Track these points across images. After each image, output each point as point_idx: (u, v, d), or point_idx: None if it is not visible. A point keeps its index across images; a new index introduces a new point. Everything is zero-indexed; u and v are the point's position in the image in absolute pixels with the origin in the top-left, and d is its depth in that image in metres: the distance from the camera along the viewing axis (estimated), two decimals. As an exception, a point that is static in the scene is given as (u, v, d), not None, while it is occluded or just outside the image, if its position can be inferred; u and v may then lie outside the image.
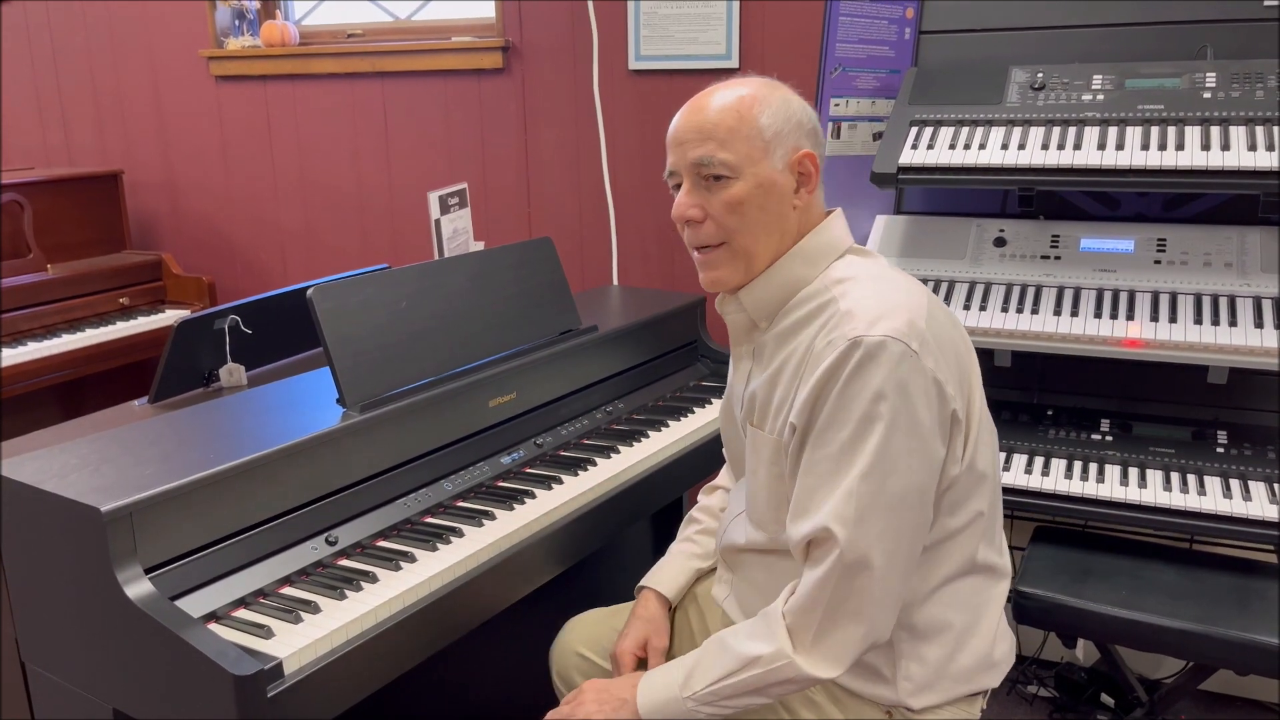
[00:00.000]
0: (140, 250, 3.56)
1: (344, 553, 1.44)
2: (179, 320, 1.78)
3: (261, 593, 1.33)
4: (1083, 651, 2.32)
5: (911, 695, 1.28)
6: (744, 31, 2.73)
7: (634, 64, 2.85)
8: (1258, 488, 1.84)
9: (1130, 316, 1.94)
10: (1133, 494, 1.86)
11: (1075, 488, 1.90)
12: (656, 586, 1.55)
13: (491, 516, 1.56)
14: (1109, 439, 2.02)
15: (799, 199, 1.30)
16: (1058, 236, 2.12)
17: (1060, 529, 2.09)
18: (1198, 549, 2.07)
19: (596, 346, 1.98)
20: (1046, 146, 1.98)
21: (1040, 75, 2.12)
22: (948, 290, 2.11)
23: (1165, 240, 2.05)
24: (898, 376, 1.15)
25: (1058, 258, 2.10)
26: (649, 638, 1.48)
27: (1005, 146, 2.00)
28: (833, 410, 1.18)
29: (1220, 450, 1.94)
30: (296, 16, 3.55)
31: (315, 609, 1.29)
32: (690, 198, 1.29)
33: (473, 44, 3.07)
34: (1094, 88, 2.07)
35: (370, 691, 1.30)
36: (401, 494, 1.57)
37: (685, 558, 1.59)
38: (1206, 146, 1.88)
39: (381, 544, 1.48)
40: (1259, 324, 1.85)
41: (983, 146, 2.02)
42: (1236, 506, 1.80)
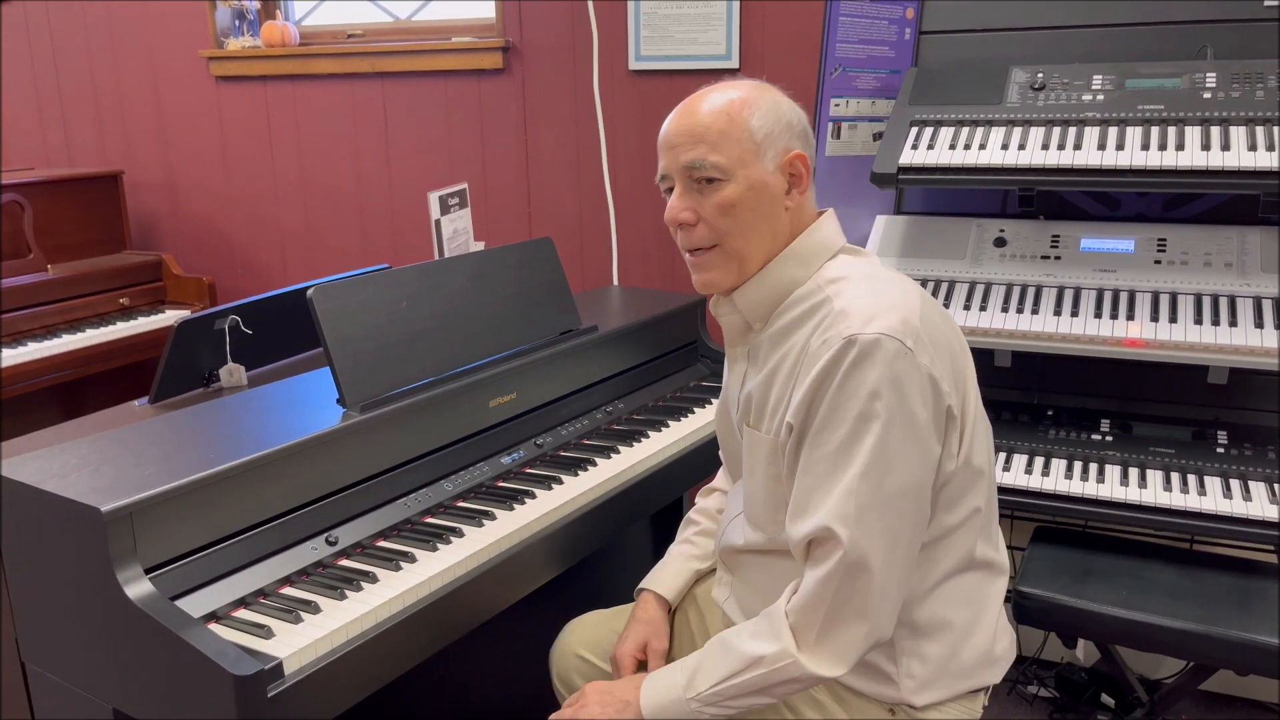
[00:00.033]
0: (140, 250, 3.56)
1: (344, 553, 1.44)
2: (179, 320, 1.78)
3: (262, 593, 1.33)
4: (1083, 652, 2.32)
5: (914, 693, 1.29)
6: (744, 32, 2.73)
7: (634, 64, 2.85)
8: (1258, 488, 1.84)
9: (1130, 317, 1.94)
10: (1133, 494, 1.86)
11: (1075, 488, 1.90)
12: (656, 588, 1.55)
13: (492, 517, 1.56)
14: (1109, 439, 2.02)
15: (790, 200, 1.30)
16: (1058, 236, 2.12)
17: (1060, 529, 2.09)
18: (1198, 549, 2.07)
19: (597, 347, 1.98)
20: (1047, 147, 1.98)
21: (1040, 75, 2.12)
22: (948, 290, 2.11)
23: (1165, 240, 2.05)
24: (893, 374, 1.16)
25: (1058, 258, 2.10)
26: (649, 640, 1.48)
27: (1005, 147, 2.01)
28: (829, 409, 1.18)
29: (1220, 450, 1.95)
30: (296, 17, 3.55)
31: (315, 609, 1.29)
32: (683, 201, 1.29)
33: (473, 44, 3.07)
34: (1094, 88, 2.07)
35: (370, 691, 1.30)
36: (402, 494, 1.57)
37: (684, 559, 1.59)
38: (1207, 146, 1.88)
39: (382, 544, 1.48)
40: (1259, 324, 1.85)
41: (983, 147, 2.02)
42: (1237, 506, 1.80)
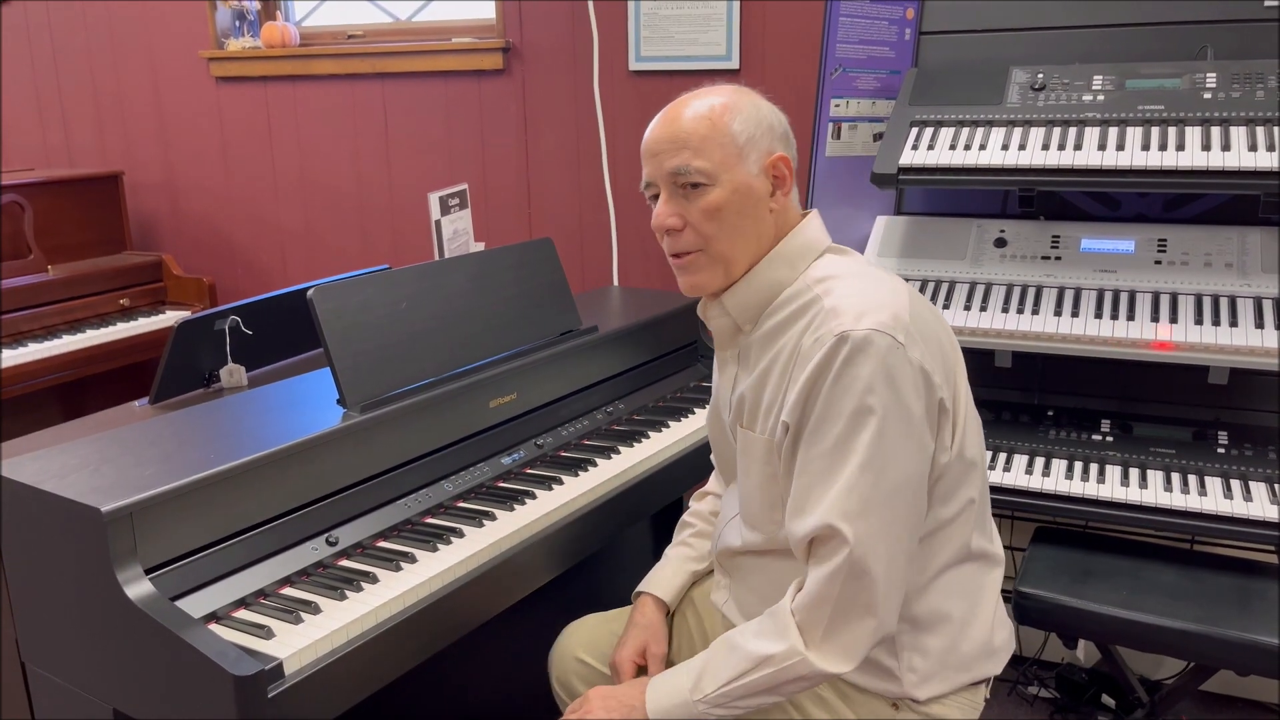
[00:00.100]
0: (141, 251, 3.56)
1: (344, 553, 1.44)
2: (179, 321, 1.78)
3: (262, 593, 1.33)
4: (1083, 652, 2.31)
5: (916, 687, 1.29)
6: (744, 32, 2.73)
7: (634, 65, 2.86)
8: (1258, 488, 1.84)
9: (1131, 317, 1.94)
10: (1133, 494, 1.86)
11: (1076, 488, 1.90)
12: (654, 591, 1.54)
13: (492, 517, 1.56)
14: (1109, 439, 2.02)
15: (775, 202, 1.31)
16: (1058, 237, 2.12)
17: (1061, 529, 2.09)
18: (1198, 549, 2.06)
19: (597, 347, 1.98)
20: (1047, 147, 1.98)
21: (1040, 76, 2.12)
22: (948, 291, 2.11)
23: (1166, 241, 2.05)
24: (886, 368, 1.17)
25: (1058, 258, 2.10)
26: (647, 644, 1.48)
27: (1006, 147, 2.01)
28: (824, 406, 1.19)
29: (1221, 450, 1.94)
30: (297, 17, 3.55)
31: (316, 609, 1.29)
32: (669, 207, 1.30)
33: (473, 45, 3.07)
34: (1094, 88, 2.07)
35: (370, 692, 1.30)
36: (402, 494, 1.57)
37: (681, 561, 1.59)
38: (1207, 147, 1.88)
39: (382, 544, 1.48)
40: (1259, 324, 1.85)
41: (983, 147, 2.02)
42: (1237, 507, 1.80)
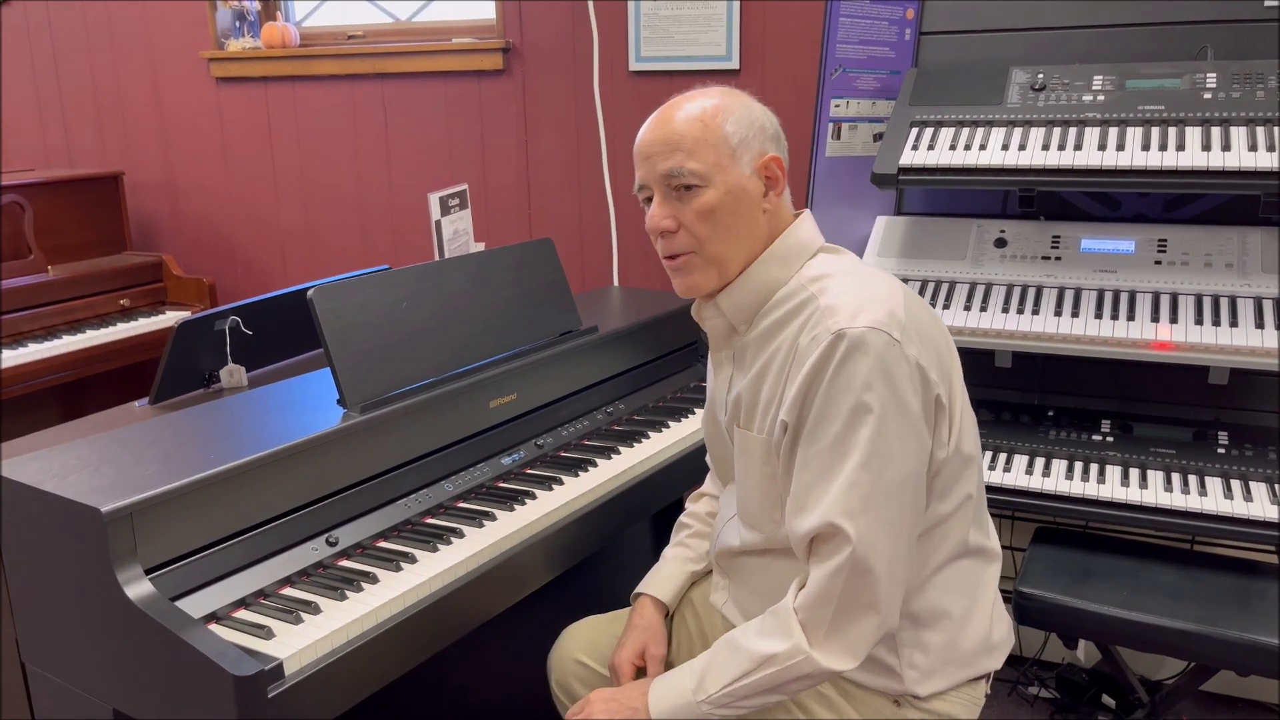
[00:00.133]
0: (141, 251, 3.56)
1: (344, 553, 1.44)
2: (179, 321, 1.78)
3: (262, 593, 1.33)
4: (1084, 652, 2.31)
5: (918, 683, 1.30)
6: (744, 33, 2.73)
7: (634, 65, 2.86)
8: (1259, 488, 1.84)
9: (1131, 317, 1.94)
10: (1133, 494, 1.86)
11: (1076, 488, 1.90)
12: (652, 592, 1.54)
13: (492, 517, 1.56)
14: (1110, 440, 2.02)
15: (768, 202, 1.32)
16: (1058, 237, 2.12)
17: (1061, 530, 2.09)
18: (1198, 549, 2.06)
19: (597, 347, 1.98)
20: (1047, 147, 1.98)
21: (1041, 76, 2.12)
22: (948, 291, 2.11)
23: (1166, 241, 2.05)
24: (883, 365, 1.17)
25: (1058, 258, 2.09)
26: (646, 645, 1.48)
27: (1006, 147, 2.01)
28: (823, 403, 1.19)
29: (1221, 451, 1.94)
30: (297, 18, 3.55)
31: (316, 609, 1.29)
32: (663, 209, 1.31)
33: (473, 45, 3.07)
34: (1094, 88, 2.07)
35: (370, 692, 1.30)
36: (402, 495, 1.57)
37: (679, 562, 1.58)
38: (1207, 147, 1.88)
39: (382, 545, 1.48)
40: (1260, 324, 1.85)
41: (983, 147, 2.02)
42: (1237, 507, 1.80)
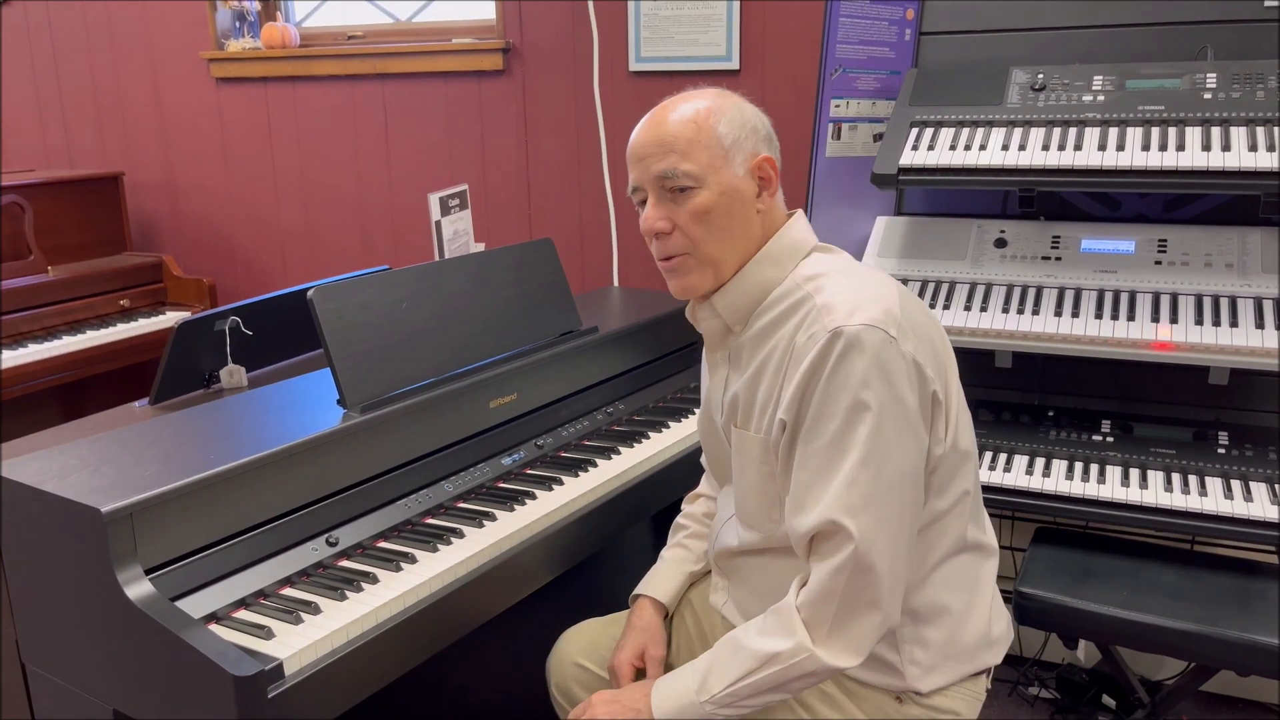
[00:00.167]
0: (141, 252, 3.56)
1: (344, 553, 1.44)
2: (179, 322, 1.78)
3: (262, 593, 1.33)
4: (1084, 652, 2.31)
5: (919, 679, 1.30)
6: (744, 33, 2.73)
7: (634, 65, 2.86)
8: (1259, 488, 1.84)
9: (1131, 317, 1.94)
10: (1134, 495, 1.86)
11: (1076, 488, 1.90)
12: (651, 594, 1.54)
13: (492, 517, 1.56)
14: (1110, 440, 2.02)
15: (762, 203, 1.32)
16: (1058, 237, 2.12)
17: (1061, 530, 2.09)
18: (1198, 550, 2.06)
19: (597, 348, 1.98)
20: (1047, 147, 1.98)
21: (1041, 76, 2.12)
22: (948, 291, 2.11)
23: (1166, 241, 2.05)
24: (880, 363, 1.17)
25: (1058, 259, 2.09)
26: (646, 646, 1.48)
27: (1006, 147, 2.01)
28: (821, 402, 1.20)
29: (1221, 451, 1.94)
30: (297, 18, 3.55)
31: (316, 610, 1.29)
32: (657, 210, 1.31)
33: (473, 45, 3.07)
34: (1094, 88, 2.07)
35: (370, 692, 1.30)
36: (402, 495, 1.57)
37: (677, 563, 1.58)
38: (1207, 147, 1.88)
39: (382, 545, 1.48)
40: (1260, 325, 1.85)
41: (983, 147, 2.02)
42: (1238, 507, 1.80)
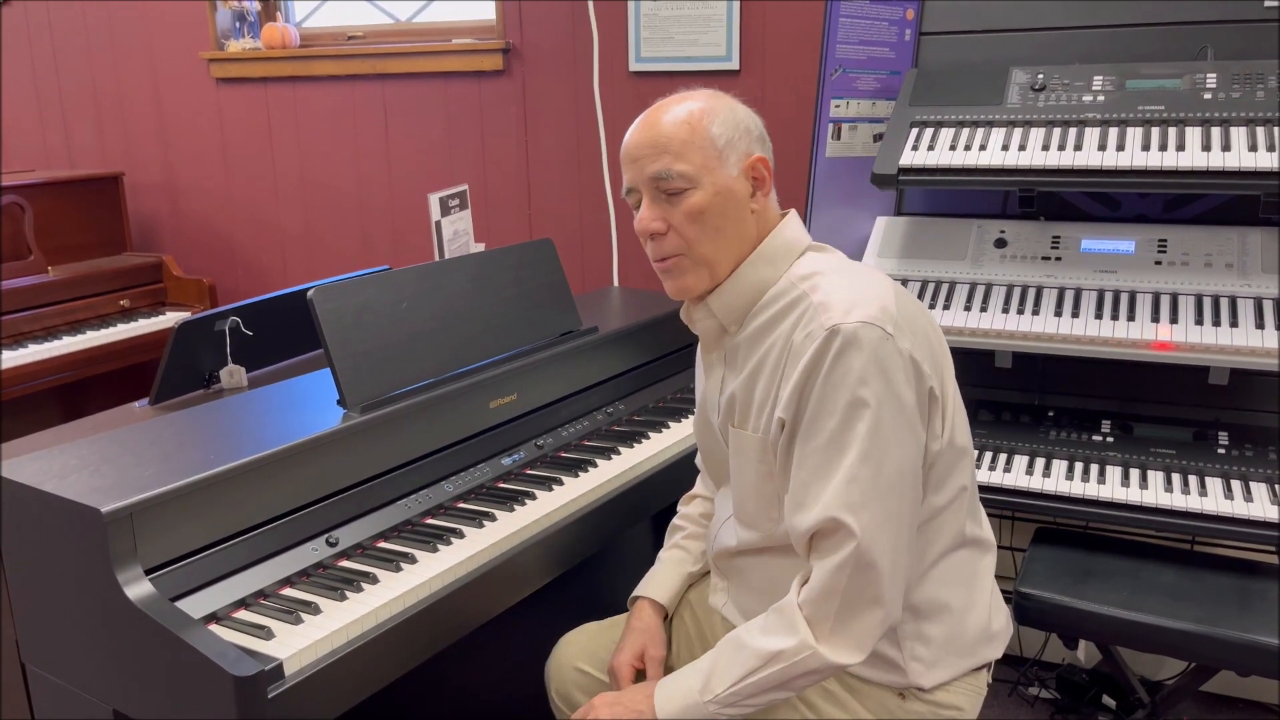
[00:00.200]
0: (141, 252, 3.56)
1: (344, 554, 1.44)
2: (179, 322, 1.78)
3: (262, 594, 1.33)
4: (1084, 653, 2.31)
5: (921, 675, 1.30)
6: (744, 33, 2.73)
7: (634, 65, 2.86)
8: (1259, 488, 1.84)
9: (1131, 317, 1.94)
10: (1134, 495, 1.86)
11: (1076, 489, 1.90)
12: (650, 595, 1.54)
13: (492, 518, 1.56)
14: (1110, 440, 2.02)
15: (756, 203, 1.33)
16: (1058, 237, 2.12)
17: (1061, 530, 2.09)
18: (1199, 550, 2.06)
19: (597, 348, 1.98)
20: (1047, 147, 1.98)
21: (1041, 76, 2.12)
22: (948, 291, 2.11)
23: (1166, 241, 2.05)
24: (878, 360, 1.18)
25: (1058, 259, 2.09)
26: (646, 647, 1.47)
27: (1006, 147, 2.00)
28: (819, 400, 1.20)
29: (1221, 451, 1.94)
30: (297, 19, 3.55)
31: (316, 610, 1.29)
32: (652, 211, 1.31)
33: (473, 46, 3.07)
34: (1094, 89, 2.07)
35: (371, 693, 1.30)
36: (402, 495, 1.57)
37: (675, 564, 1.58)
38: (1207, 147, 1.88)
39: (382, 545, 1.48)
40: (1260, 325, 1.85)
41: (983, 147, 2.02)
42: (1238, 507, 1.80)
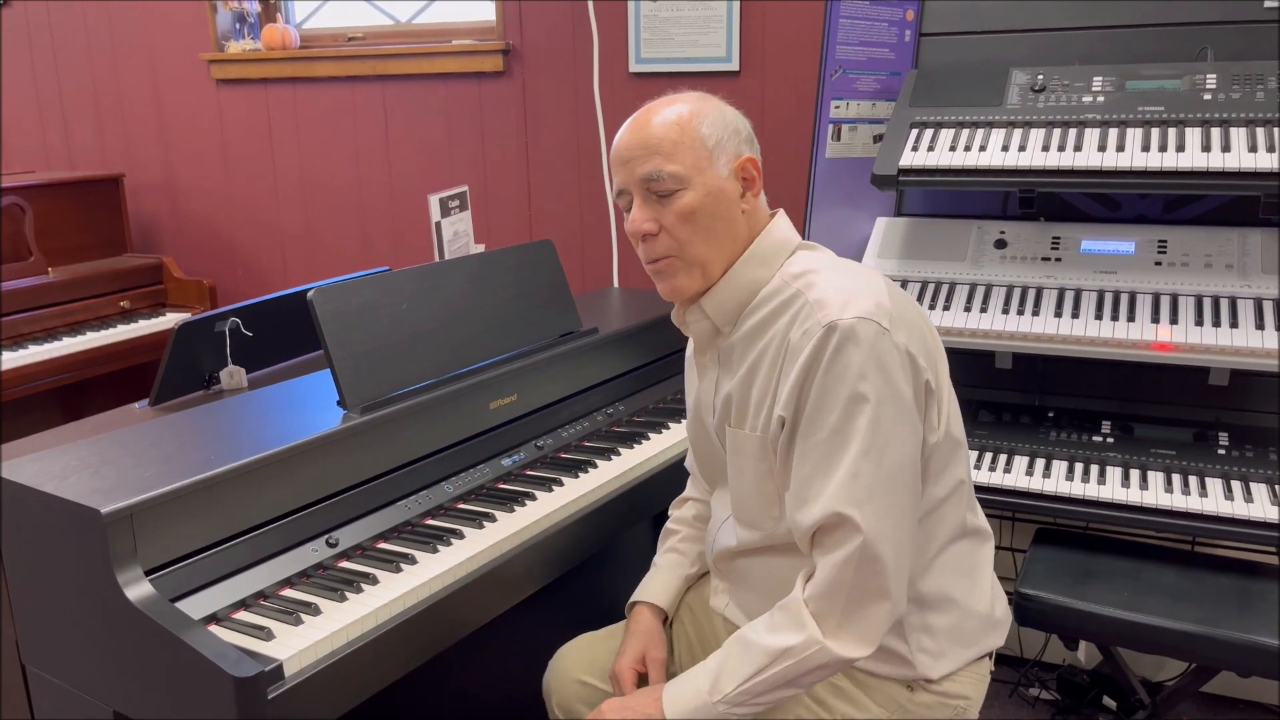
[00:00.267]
0: (141, 253, 3.56)
1: (344, 554, 1.44)
2: (180, 323, 1.78)
3: (262, 594, 1.33)
4: (1084, 654, 2.31)
5: (929, 667, 1.31)
6: (744, 34, 2.73)
7: (634, 66, 2.86)
8: (1259, 489, 1.83)
9: (1131, 318, 1.94)
10: (1134, 495, 1.86)
11: (1076, 489, 1.90)
12: (649, 599, 1.53)
13: (492, 518, 1.56)
14: (1110, 441, 2.02)
15: (746, 203, 1.33)
16: (1058, 238, 2.12)
17: (1061, 531, 2.09)
18: (1199, 550, 2.06)
19: (597, 349, 1.98)
20: (1047, 148, 1.98)
21: (1040, 77, 2.12)
22: (948, 292, 2.10)
23: (1166, 242, 2.05)
24: (876, 354, 1.19)
25: (1058, 259, 2.09)
26: (647, 650, 1.47)
27: (1006, 148, 2.01)
28: (819, 396, 1.21)
29: (1221, 452, 1.94)
30: (297, 20, 3.55)
31: (316, 611, 1.29)
32: (644, 212, 1.32)
33: (473, 47, 3.08)
34: (1094, 89, 2.07)
35: (371, 694, 1.30)
36: (402, 496, 1.57)
37: (671, 568, 1.57)
38: (1207, 148, 1.88)
39: (382, 546, 1.48)
40: (1260, 325, 1.85)
41: (983, 148, 2.02)
42: (1238, 508, 1.79)
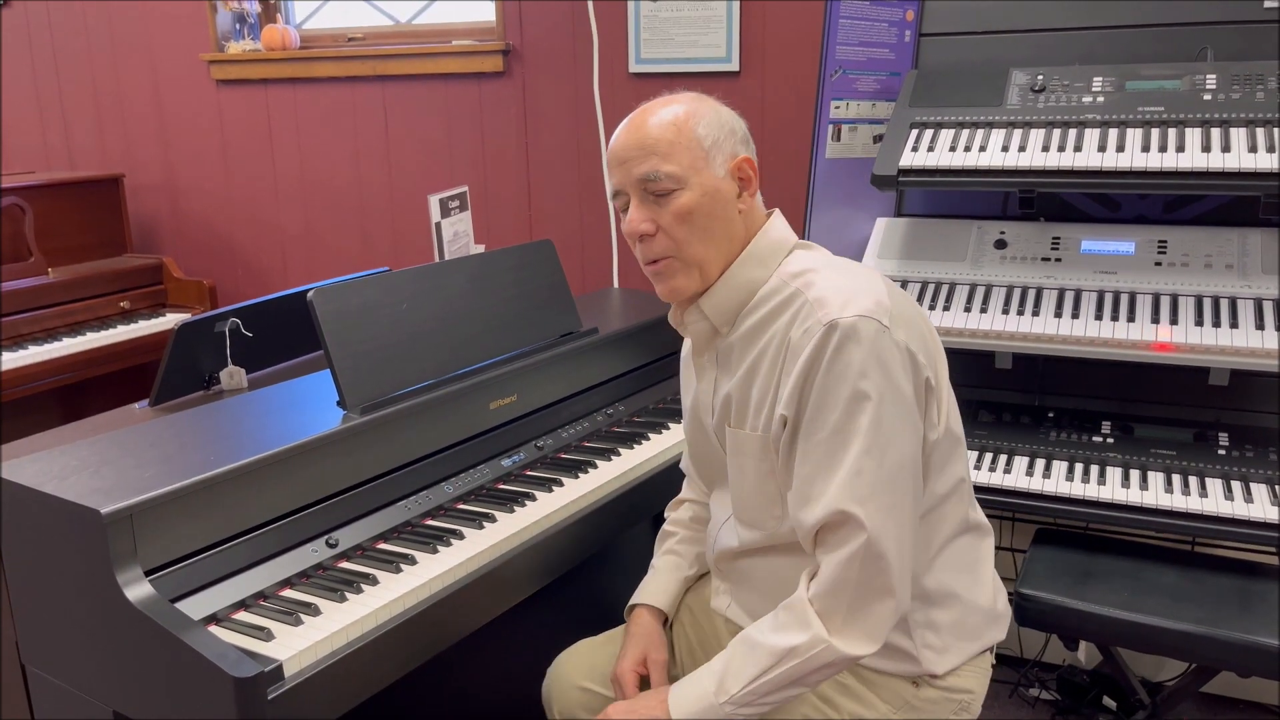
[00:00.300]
0: (141, 254, 3.56)
1: (344, 555, 1.44)
2: (180, 323, 1.78)
3: (262, 595, 1.33)
4: (1084, 654, 2.31)
5: (934, 662, 1.31)
6: (744, 34, 2.73)
7: (634, 67, 2.86)
8: (1259, 489, 1.83)
9: (1131, 318, 1.94)
10: (1134, 496, 1.86)
11: (1076, 490, 1.90)
12: (649, 601, 1.53)
13: (492, 519, 1.56)
14: (1110, 441, 2.02)
15: (743, 203, 1.34)
16: (1058, 239, 2.12)
17: (1061, 531, 2.09)
18: (1199, 551, 2.06)
19: (597, 349, 1.98)
20: (1047, 148, 1.98)
21: (1040, 77, 2.12)
22: (948, 292, 2.10)
23: (1166, 242, 2.05)
24: (877, 352, 1.19)
25: (1058, 260, 2.09)
26: (648, 652, 1.46)
27: (1006, 149, 2.01)
28: (820, 394, 1.21)
29: (1221, 452, 1.94)
30: (297, 20, 3.55)
31: (315, 611, 1.29)
32: (641, 213, 1.32)
33: (473, 47, 3.08)
34: (1094, 90, 2.07)
35: (371, 694, 1.30)
36: (402, 496, 1.57)
37: (670, 569, 1.57)
38: (1207, 148, 1.88)
39: (382, 546, 1.48)
40: (1260, 326, 1.85)
41: (983, 149, 2.02)
42: (1238, 508, 1.79)
